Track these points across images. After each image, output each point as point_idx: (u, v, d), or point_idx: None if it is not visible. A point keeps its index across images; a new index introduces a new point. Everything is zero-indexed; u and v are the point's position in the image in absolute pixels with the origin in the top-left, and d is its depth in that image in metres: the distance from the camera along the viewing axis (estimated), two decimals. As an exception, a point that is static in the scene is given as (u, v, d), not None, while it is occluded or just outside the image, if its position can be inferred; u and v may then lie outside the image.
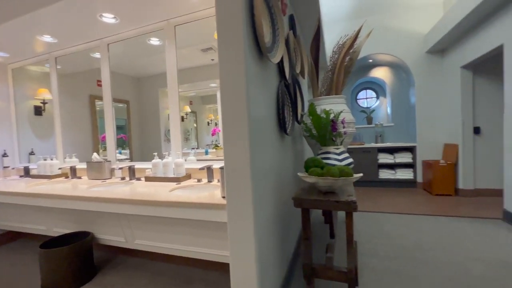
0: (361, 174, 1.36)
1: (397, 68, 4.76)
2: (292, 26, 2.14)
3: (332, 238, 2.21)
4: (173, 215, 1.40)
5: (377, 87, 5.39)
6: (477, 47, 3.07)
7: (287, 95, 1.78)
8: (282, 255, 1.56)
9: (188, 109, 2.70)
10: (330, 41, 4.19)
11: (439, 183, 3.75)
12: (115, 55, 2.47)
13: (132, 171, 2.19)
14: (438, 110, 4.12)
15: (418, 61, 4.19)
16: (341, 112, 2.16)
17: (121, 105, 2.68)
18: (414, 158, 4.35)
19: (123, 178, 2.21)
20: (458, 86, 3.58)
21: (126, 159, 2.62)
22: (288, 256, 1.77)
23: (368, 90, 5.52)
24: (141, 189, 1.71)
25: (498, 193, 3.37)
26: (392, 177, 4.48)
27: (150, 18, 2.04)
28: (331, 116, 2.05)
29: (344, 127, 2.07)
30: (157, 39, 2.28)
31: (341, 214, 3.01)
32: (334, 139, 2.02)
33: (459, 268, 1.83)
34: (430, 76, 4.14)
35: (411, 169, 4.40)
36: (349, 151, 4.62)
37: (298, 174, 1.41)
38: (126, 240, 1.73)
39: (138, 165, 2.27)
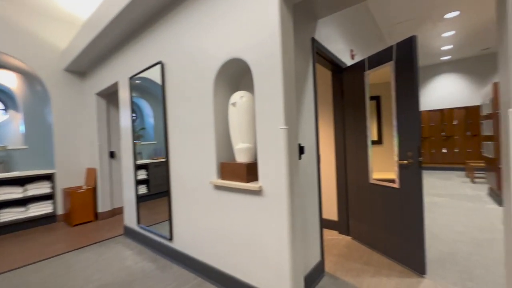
0: None
1: (31, 78, 3.89)
2: None
3: None
4: None
5: (6, 97, 4.00)
6: (104, 78, 3.34)
7: None
8: None
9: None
10: None
11: (79, 212, 3.50)
12: None
13: None
14: (80, 133, 3.96)
15: (55, 77, 3.73)
16: None
17: None
18: (54, 187, 3.72)
19: None
20: (95, 111, 3.68)
21: None
22: None
23: (-12, 98, 3.89)
24: None
25: (129, 208, 3.91)
26: (22, 216, 3.41)
27: None
28: None
29: None
30: None
31: None
32: None
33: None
34: (71, 96, 3.88)
35: (51, 201, 3.71)
36: None
37: None
38: None
39: None
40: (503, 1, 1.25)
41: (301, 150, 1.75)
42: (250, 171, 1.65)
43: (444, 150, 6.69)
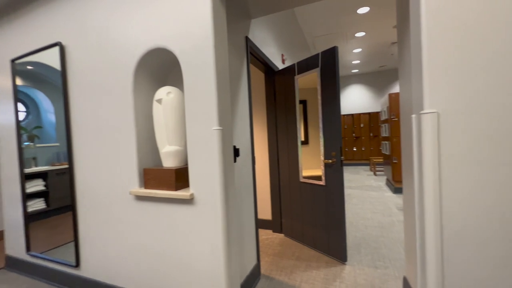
0: None
1: None
2: None
3: None
4: None
5: None
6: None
7: None
8: None
9: None
10: None
11: None
12: None
13: None
14: None
15: None
16: None
17: None
18: None
19: None
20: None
21: None
22: None
23: None
24: None
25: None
26: None
27: None
28: None
29: None
30: None
31: None
32: None
33: None
34: None
35: None
36: None
37: None
38: None
39: None
40: (405, 25, 1.48)
41: (236, 152, 1.67)
42: (179, 178, 1.46)
43: (355, 149, 7.89)
